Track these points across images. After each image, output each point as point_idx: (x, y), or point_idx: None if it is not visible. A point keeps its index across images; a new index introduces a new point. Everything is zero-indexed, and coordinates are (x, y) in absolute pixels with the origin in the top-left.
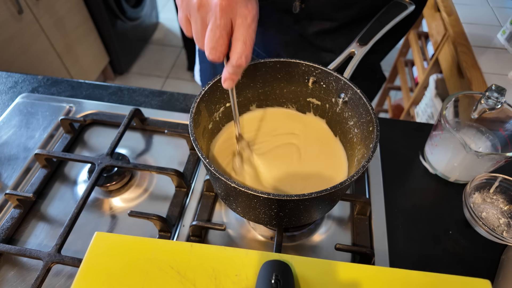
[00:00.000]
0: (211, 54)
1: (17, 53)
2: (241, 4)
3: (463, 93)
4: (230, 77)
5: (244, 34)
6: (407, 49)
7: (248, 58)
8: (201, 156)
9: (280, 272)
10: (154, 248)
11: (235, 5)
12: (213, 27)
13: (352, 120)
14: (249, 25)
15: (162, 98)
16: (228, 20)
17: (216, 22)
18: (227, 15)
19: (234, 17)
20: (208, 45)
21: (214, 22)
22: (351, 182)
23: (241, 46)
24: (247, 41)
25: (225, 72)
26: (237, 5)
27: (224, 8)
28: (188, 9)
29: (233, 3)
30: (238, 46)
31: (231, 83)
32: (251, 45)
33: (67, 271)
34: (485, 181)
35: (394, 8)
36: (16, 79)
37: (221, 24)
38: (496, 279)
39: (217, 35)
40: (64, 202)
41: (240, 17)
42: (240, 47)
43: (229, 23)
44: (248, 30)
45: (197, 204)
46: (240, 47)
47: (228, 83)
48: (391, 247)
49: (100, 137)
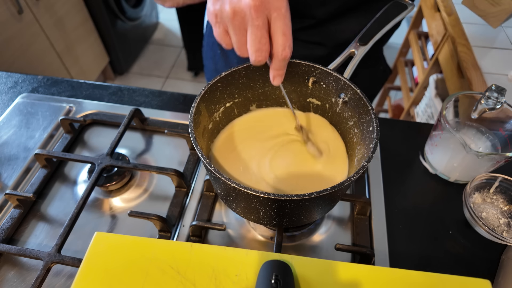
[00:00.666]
0: (257, 56)
1: (17, 53)
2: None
3: (463, 93)
4: (278, 73)
5: (282, 25)
6: (407, 49)
7: (291, 48)
8: (201, 156)
9: (280, 272)
10: (154, 248)
11: (267, 1)
12: (253, 30)
13: (352, 120)
14: (285, 16)
15: (162, 98)
16: (265, 17)
17: (255, 24)
18: (263, 13)
19: (269, 13)
20: (252, 48)
21: (252, 24)
22: (351, 182)
23: (282, 38)
24: (286, 32)
25: (272, 70)
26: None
27: (258, 7)
28: (223, 22)
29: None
30: (279, 39)
31: (280, 79)
32: (290, 34)
33: (67, 271)
34: (485, 181)
35: (394, 8)
36: (16, 79)
37: (260, 24)
38: (496, 279)
39: (259, 35)
40: (64, 202)
41: (274, 10)
42: (282, 39)
43: (266, 21)
44: (284, 21)
45: (197, 204)
46: (281, 39)
47: (278, 79)
48: (391, 247)
49: (100, 137)
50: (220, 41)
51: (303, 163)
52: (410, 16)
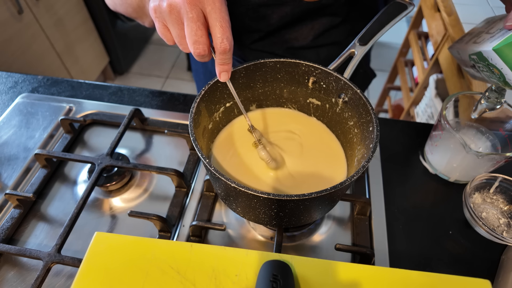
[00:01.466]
0: (195, 49)
1: (17, 53)
2: None
3: (463, 93)
4: (223, 68)
5: (217, 17)
6: (407, 49)
7: (230, 40)
8: (201, 156)
9: (280, 272)
10: (154, 248)
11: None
12: (188, 23)
13: (352, 120)
14: (220, 8)
15: (162, 98)
16: (199, 10)
17: (189, 16)
18: (196, 6)
19: (204, 6)
20: (190, 41)
21: (187, 17)
22: (351, 182)
23: (218, 30)
24: (222, 24)
25: (216, 65)
26: None
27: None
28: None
29: None
30: (216, 31)
31: (226, 74)
32: (228, 26)
33: (67, 271)
34: (485, 181)
35: (394, 8)
36: (16, 79)
37: (194, 17)
38: (496, 279)
39: (194, 28)
40: (64, 202)
41: (208, 4)
42: (218, 31)
43: (201, 14)
44: (220, 13)
45: (197, 204)
46: (218, 31)
47: (223, 75)
48: (391, 247)
49: (100, 137)
50: (162, 36)
51: (303, 163)
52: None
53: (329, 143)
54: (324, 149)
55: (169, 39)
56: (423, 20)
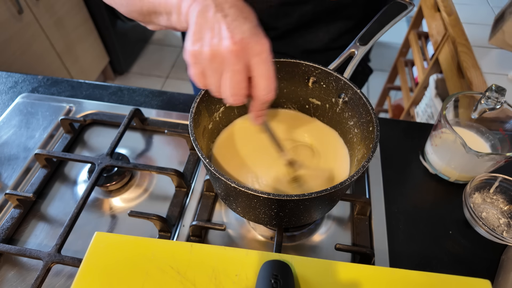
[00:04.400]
0: (233, 100)
1: (17, 53)
2: (253, 43)
3: (463, 93)
4: (261, 113)
5: (264, 70)
6: (407, 49)
7: (275, 91)
8: (201, 156)
9: (280, 272)
10: (154, 248)
11: (247, 46)
12: (231, 75)
13: (352, 120)
14: (267, 59)
15: (162, 98)
16: (244, 63)
17: (234, 68)
18: (242, 59)
19: (250, 58)
20: (230, 92)
21: (231, 69)
22: (351, 182)
23: (265, 83)
24: (269, 75)
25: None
26: (249, 45)
27: (237, 53)
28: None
29: (245, 45)
30: (262, 83)
31: (262, 119)
32: (274, 77)
33: (67, 271)
34: (485, 181)
35: (394, 8)
36: (16, 79)
37: (239, 69)
38: (496, 279)
39: (237, 80)
40: (64, 202)
41: (255, 56)
42: (265, 84)
43: (246, 66)
44: (267, 65)
45: (197, 204)
46: (264, 83)
47: (261, 119)
48: (391, 247)
49: (100, 137)
50: (197, 81)
51: (303, 163)
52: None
53: (330, 143)
54: (324, 149)
55: (204, 85)
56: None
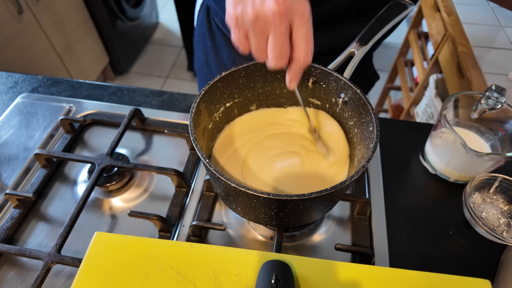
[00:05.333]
0: (277, 62)
1: (17, 53)
2: (296, 3)
3: (463, 93)
4: (296, 76)
5: (305, 31)
6: (407, 49)
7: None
8: (201, 156)
9: (280, 272)
10: (154, 248)
11: (291, 7)
12: (275, 36)
13: (352, 120)
14: (308, 22)
15: (162, 98)
16: (288, 24)
17: (277, 30)
18: (286, 20)
19: (293, 19)
20: (274, 54)
21: (275, 30)
22: (351, 182)
23: (305, 44)
24: (309, 38)
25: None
26: (293, 6)
27: (282, 13)
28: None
29: (289, 6)
30: (302, 44)
31: (297, 82)
32: (312, 40)
33: (67, 271)
34: (485, 181)
35: (394, 8)
36: (16, 79)
37: (283, 31)
38: (496, 279)
39: (281, 42)
40: (64, 202)
41: (298, 16)
42: (304, 45)
43: (289, 27)
44: (308, 27)
45: (197, 204)
46: (304, 45)
47: (294, 83)
48: (391, 247)
49: (100, 137)
50: (239, 45)
51: (303, 163)
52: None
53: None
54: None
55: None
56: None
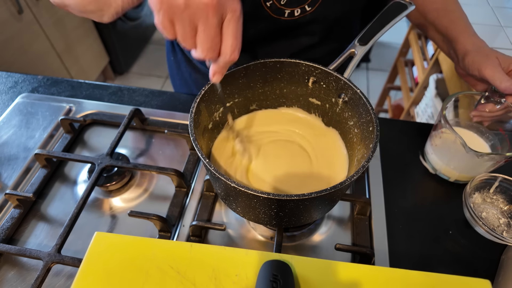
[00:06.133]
0: (208, 53)
1: (17, 53)
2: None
3: (463, 93)
4: (221, 71)
5: (235, 28)
6: (407, 49)
7: (239, 52)
8: (201, 156)
9: (280, 272)
10: (154, 248)
11: (224, 1)
12: (207, 27)
13: (352, 120)
14: (238, 18)
15: (162, 98)
16: (220, 17)
17: (209, 21)
18: (219, 12)
19: (225, 13)
20: (204, 45)
21: (207, 21)
22: (351, 182)
23: (233, 41)
24: (238, 35)
25: (215, 67)
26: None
27: (215, 6)
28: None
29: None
30: (229, 40)
31: (221, 76)
32: (241, 38)
33: (67, 271)
34: (485, 181)
35: (394, 8)
36: (16, 79)
37: (215, 23)
38: (496, 279)
39: (212, 33)
40: (64, 202)
41: (230, 11)
42: (232, 42)
43: (221, 20)
44: (238, 24)
45: (197, 204)
46: (232, 41)
47: (218, 77)
48: (391, 247)
49: (100, 137)
50: (163, 30)
51: (303, 163)
52: None
53: (330, 143)
54: (324, 149)
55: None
56: None
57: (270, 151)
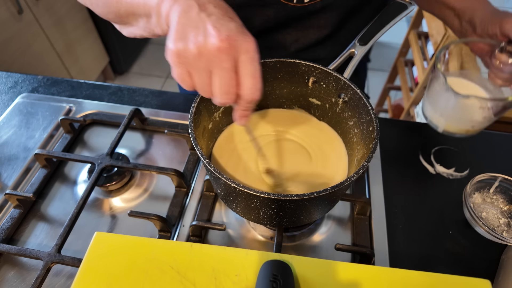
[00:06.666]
0: (225, 99)
1: (17, 53)
2: (240, 40)
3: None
4: (245, 114)
5: (251, 68)
6: (407, 49)
7: (260, 90)
8: (201, 156)
9: (280, 272)
10: (154, 248)
11: (236, 43)
12: (221, 73)
13: (352, 120)
14: (253, 58)
15: (162, 98)
16: (233, 60)
17: (223, 66)
18: (231, 56)
19: (238, 55)
20: (221, 91)
21: (221, 67)
22: (351, 182)
23: (251, 81)
24: (256, 75)
25: (239, 110)
26: (237, 43)
27: (226, 50)
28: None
29: (233, 42)
30: (248, 82)
31: (247, 119)
32: (260, 76)
33: (67, 271)
34: (485, 181)
35: (394, 8)
36: (16, 79)
37: (228, 67)
38: (496, 279)
39: (227, 78)
40: (64, 202)
41: (243, 53)
42: (251, 83)
43: (234, 63)
44: (254, 63)
45: (197, 204)
46: (250, 82)
47: (244, 120)
48: (391, 247)
49: (100, 137)
50: (181, 82)
51: (303, 163)
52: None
53: (330, 143)
54: (324, 149)
55: (189, 85)
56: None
57: (271, 151)
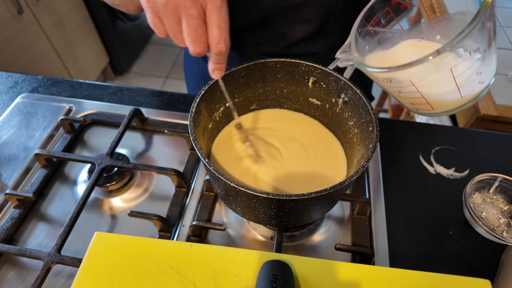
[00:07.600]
0: (195, 47)
1: (17, 53)
2: None
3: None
4: (216, 66)
5: (217, 18)
6: None
7: (227, 42)
8: (201, 156)
9: (280, 272)
10: (154, 248)
11: None
12: (188, 20)
13: (352, 120)
14: (220, 8)
15: (162, 98)
16: (200, 7)
17: (189, 13)
18: (197, 4)
19: (204, 3)
20: (189, 39)
21: (187, 14)
22: (350, 182)
23: (217, 31)
24: (221, 25)
25: (210, 62)
26: None
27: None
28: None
29: None
30: (214, 32)
31: (219, 73)
32: (226, 28)
33: (67, 271)
34: (485, 181)
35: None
36: (16, 79)
37: (195, 14)
38: (496, 279)
39: (194, 26)
40: (64, 202)
41: (209, 2)
42: (216, 32)
43: (201, 11)
44: (220, 13)
45: (197, 204)
46: (216, 32)
47: (216, 73)
48: (391, 247)
49: (100, 137)
50: (153, 27)
51: (303, 163)
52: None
53: (329, 143)
54: (324, 149)
55: (161, 31)
56: None
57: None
